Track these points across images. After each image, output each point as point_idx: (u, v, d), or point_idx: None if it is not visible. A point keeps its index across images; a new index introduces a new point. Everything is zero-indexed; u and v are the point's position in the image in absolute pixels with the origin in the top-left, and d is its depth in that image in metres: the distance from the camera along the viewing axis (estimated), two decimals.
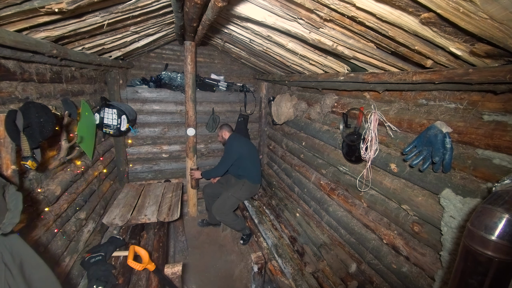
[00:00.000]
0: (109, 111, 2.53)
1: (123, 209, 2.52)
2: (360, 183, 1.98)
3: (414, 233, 1.59)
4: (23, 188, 1.49)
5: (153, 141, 3.57)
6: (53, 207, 1.77)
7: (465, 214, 1.26)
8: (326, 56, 1.85)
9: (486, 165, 1.21)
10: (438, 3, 0.78)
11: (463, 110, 1.35)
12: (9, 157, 1.28)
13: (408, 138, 1.63)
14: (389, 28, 1.09)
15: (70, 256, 1.92)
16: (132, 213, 2.47)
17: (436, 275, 1.43)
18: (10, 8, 1.01)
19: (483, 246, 0.77)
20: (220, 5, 1.24)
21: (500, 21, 0.74)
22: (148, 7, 1.52)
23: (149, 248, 2.19)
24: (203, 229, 3.59)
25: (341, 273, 2.09)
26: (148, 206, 2.66)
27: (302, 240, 2.54)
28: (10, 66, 1.39)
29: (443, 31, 0.94)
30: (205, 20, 1.71)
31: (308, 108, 2.82)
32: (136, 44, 2.42)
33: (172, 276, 1.88)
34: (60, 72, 1.88)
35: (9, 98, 1.40)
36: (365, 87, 1.83)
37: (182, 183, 3.41)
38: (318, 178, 2.66)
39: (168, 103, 3.49)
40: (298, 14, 1.32)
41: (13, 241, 1.03)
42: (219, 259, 3.07)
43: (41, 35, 1.36)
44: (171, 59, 3.57)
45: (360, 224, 2.08)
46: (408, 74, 1.36)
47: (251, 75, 4.08)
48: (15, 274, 0.98)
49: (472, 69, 1.07)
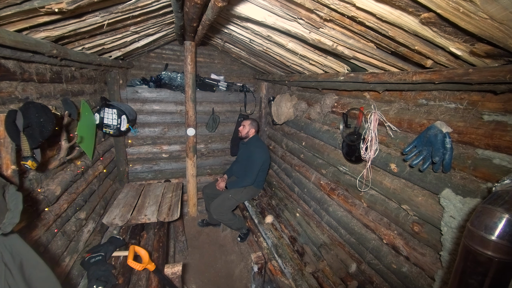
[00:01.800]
0: (109, 111, 2.53)
1: (123, 209, 2.52)
2: (360, 183, 1.98)
3: (414, 233, 1.59)
4: (23, 188, 1.49)
5: (153, 141, 3.57)
6: (53, 207, 1.77)
7: (465, 214, 1.26)
8: (326, 56, 1.85)
9: (486, 165, 1.21)
10: (438, 3, 0.78)
11: (463, 110, 1.35)
12: (9, 157, 1.28)
13: (408, 138, 1.63)
14: (389, 28, 1.09)
15: (70, 256, 1.92)
16: (132, 213, 2.47)
17: (436, 275, 1.43)
18: (10, 8, 1.01)
19: (483, 246, 0.77)
20: (220, 5, 1.24)
21: (500, 21, 0.74)
22: (148, 7, 1.52)
23: (149, 248, 2.19)
24: (203, 229, 3.59)
25: (341, 273, 2.09)
26: (148, 206, 2.66)
27: (302, 240, 2.54)
28: (10, 66, 1.39)
29: (443, 31, 0.94)
30: (205, 20, 1.71)
31: (308, 108, 2.82)
32: (136, 44, 2.42)
33: (172, 276, 1.88)
34: (60, 72, 1.88)
35: (9, 98, 1.40)
36: (365, 87, 1.83)
37: (182, 183, 3.41)
38: (318, 178, 2.66)
39: (168, 103, 3.49)
40: (298, 14, 1.32)
41: (13, 241, 1.03)
42: (219, 259, 3.07)
43: (41, 35, 1.36)
44: (171, 59, 3.57)
45: (360, 224, 2.08)
46: (408, 74, 1.36)
47: (251, 75, 4.08)
48: (15, 274, 0.98)
49: (472, 69, 1.07)
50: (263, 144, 3.21)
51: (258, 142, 3.12)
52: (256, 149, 3.01)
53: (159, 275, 1.85)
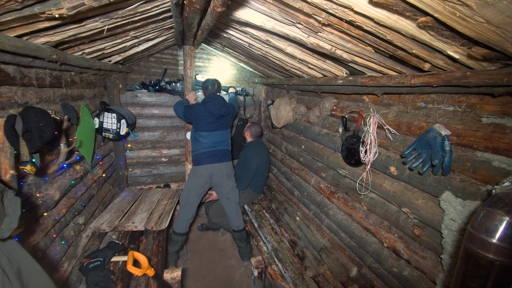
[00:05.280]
0: (108, 115, 2.54)
1: (113, 215, 2.48)
2: (360, 186, 1.97)
3: (415, 236, 1.58)
4: (21, 193, 1.48)
5: (153, 145, 3.57)
6: (51, 212, 1.76)
7: (465, 216, 1.25)
8: (324, 60, 1.87)
9: (486, 167, 1.21)
10: (435, 7, 0.78)
11: (461, 112, 1.36)
12: (8, 161, 1.27)
13: (407, 141, 1.63)
14: (387, 32, 1.10)
15: (69, 261, 1.90)
16: (121, 219, 2.42)
17: (438, 278, 1.42)
18: (10, 13, 1.01)
19: (484, 249, 0.76)
20: (219, 10, 1.25)
21: (497, 24, 0.74)
22: (148, 12, 1.54)
23: (148, 253, 2.17)
24: (202, 233, 3.56)
25: (342, 277, 2.07)
26: (140, 212, 2.61)
27: (302, 244, 2.53)
28: (10, 71, 1.39)
29: (441, 34, 0.95)
30: (205, 25, 1.72)
31: (307, 112, 2.83)
32: (135, 49, 2.43)
33: (171, 281, 1.87)
34: (59, 77, 1.89)
35: (9, 103, 1.40)
36: (363, 91, 1.84)
37: (181, 189, 3.40)
38: (318, 182, 2.66)
39: (167, 107, 3.50)
40: (296, 18, 1.33)
41: (11, 246, 1.03)
42: (219, 263, 3.05)
43: (41, 40, 1.37)
44: (170, 64, 3.58)
45: (361, 228, 2.07)
46: (406, 77, 1.37)
47: (250, 79, 4.09)
48: (13, 280, 0.97)
49: (470, 72, 1.08)
50: (261, 149, 3.21)
51: (254, 147, 3.13)
52: (248, 149, 3.08)
53: (159, 280, 1.83)
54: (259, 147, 3.24)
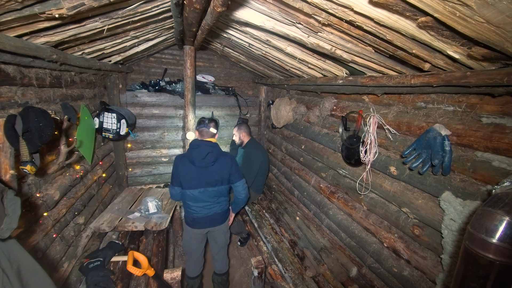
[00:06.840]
0: (108, 115, 2.54)
1: (113, 215, 2.48)
2: (360, 186, 1.97)
3: (415, 236, 1.58)
4: (21, 193, 1.48)
5: (153, 145, 3.57)
6: (51, 212, 1.76)
7: (465, 216, 1.25)
8: (324, 60, 1.87)
9: (486, 167, 1.21)
10: (435, 7, 0.78)
11: (461, 112, 1.36)
12: (8, 161, 1.27)
13: (407, 141, 1.63)
14: (387, 32, 1.10)
15: (69, 261, 1.90)
16: (121, 219, 2.42)
17: (438, 278, 1.42)
18: (10, 13, 1.01)
19: (484, 249, 0.76)
20: (219, 10, 1.25)
21: (497, 24, 0.74)
22: (148, 12, 1.54)
23: (148, 253, 2.17)
24: None
25: (342, 277, 2.07)
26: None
27: (302, 244, 2.53)
28: (10, 71, 1.39)
29: (441, 34, 0.95)
30: (205, 25, 1.72)
31: (307, 112, 2.83)
32: (135, 49, 2.44)
33: (171, 281, 1.87)
34: (59, 76, 1.89)
35: (9, 103, 1.40)
36: (363, 91, 1.84)
37: None
38: (318, 182, 2.65)
39: (167, 107, 3.50)
40: (296, 18, 1.33)
41: (11, 246, 1.03)
42: None
43: (41, 40, 1.37)
44: (170, 64, 3.59)
45: (361, 228, 2.07)
46: (406, 77, 1.37)
47: (250, 79, 4.09)
48: (13, 280, 0.97)
49: (470, 72, 1.08)
50: (261, 146, 3.22)
51: (252, 147, 3.13)
52: (250, 148, 3.06)
53: (159, 280, 1.83)
54: (258, 144, 3.27)
